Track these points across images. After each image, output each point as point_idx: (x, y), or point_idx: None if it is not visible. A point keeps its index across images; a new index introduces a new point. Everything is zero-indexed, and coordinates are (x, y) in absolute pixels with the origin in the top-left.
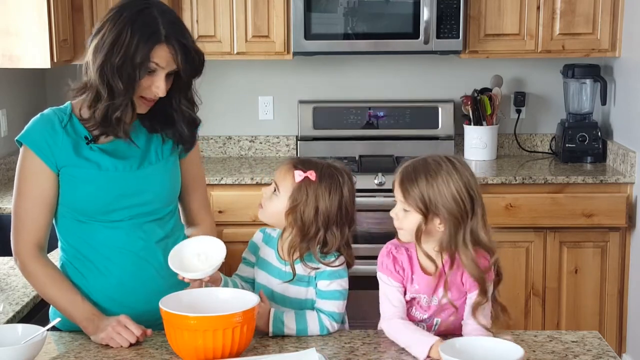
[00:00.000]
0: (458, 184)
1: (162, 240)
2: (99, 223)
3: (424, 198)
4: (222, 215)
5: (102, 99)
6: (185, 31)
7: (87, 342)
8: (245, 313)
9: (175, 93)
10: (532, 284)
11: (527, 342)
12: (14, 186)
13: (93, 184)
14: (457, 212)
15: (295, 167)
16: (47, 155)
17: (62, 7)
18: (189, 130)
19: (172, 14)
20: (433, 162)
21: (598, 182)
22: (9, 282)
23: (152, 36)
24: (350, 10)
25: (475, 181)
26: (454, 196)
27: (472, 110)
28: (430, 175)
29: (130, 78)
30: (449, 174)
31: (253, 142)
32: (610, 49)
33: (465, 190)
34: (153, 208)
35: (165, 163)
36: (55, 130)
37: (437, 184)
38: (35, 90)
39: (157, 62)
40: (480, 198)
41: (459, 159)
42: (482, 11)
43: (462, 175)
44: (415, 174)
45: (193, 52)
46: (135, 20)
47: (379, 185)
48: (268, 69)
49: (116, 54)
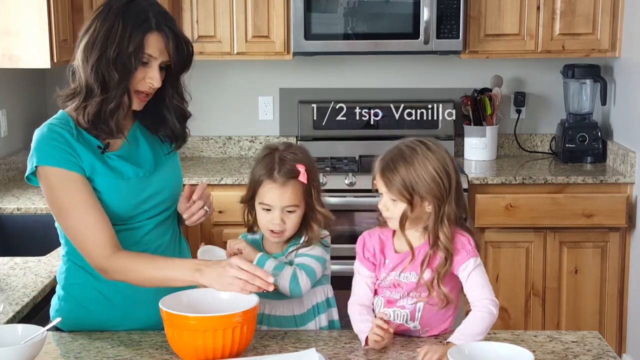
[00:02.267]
0: (435, 163)
1: (172, 237)
2: (118, 226)
3: (406, 184)
4: (222, 215)
5: (95, 95)
6: (174, 20)
7: (87, 342)
8: (245, 313)
9: (167, 88)
10: (532, 284)
11: (527, 342)
12: (52, 211)
13: (116, 192)
14: (438, 191)
15: (288, 173)
16: (74, 162)
17: (62, 7)
18: (180, 124)
19: (159, 5)
20: (407, 148)
21: (598, 182)
22: (9, 282)
23: (143, 24)
24: (350, 10)
25: (450, 158)
26: (432, 177)
27: (472, 110)
28: (407, 162)
29: (125, 69)
30: (424, 156)
31: (253, 142)
32: (610, 49)
33: (443, 169)
34: (166, 207)
35: (172, 162)
36: (69, 141)
37: (415, 168)
38: (35, 90)
39: (150, 52)
40: (456, 173)
41: (431, 139)
42: (482, 11)
43: (437, 155)
44: (393, 163)
45: (183, 42)
46: (125, 11)
47: None
48: (268, 69)
49: (110, 47)
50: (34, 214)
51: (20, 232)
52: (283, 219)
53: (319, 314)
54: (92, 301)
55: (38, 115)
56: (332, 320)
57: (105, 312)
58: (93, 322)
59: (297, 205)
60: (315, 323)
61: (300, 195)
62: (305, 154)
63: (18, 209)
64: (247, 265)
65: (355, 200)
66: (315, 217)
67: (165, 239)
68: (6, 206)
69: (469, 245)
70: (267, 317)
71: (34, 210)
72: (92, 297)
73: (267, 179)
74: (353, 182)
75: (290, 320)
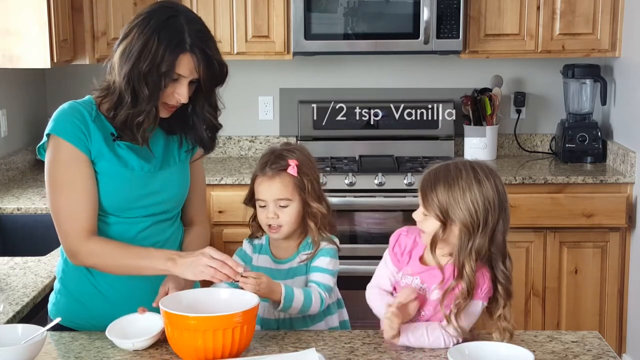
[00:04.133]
0: (475, 195)
1: (169, 239)
2: (114, 217)
3: (441, 205)
4: (222, 215)
5: (125, 104)
6: (210, 40)
7: (87, 342)
8: (245, 313)
9: (199, 99)
10: (532, 284)
11: (527, 342)
12: (47, 183)
13: (118, 180)
14: (470, 222)
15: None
16: (84, 142)
17: (62, 7)
18: (210, 135)
19: (199, 22)
20: (455, 168)
21: (598, 182)
22: (9, 282)
23: (177, 46)
24: (350, 10)
25: (498, 194)
26: (468, 207)
27: (472, 110)
28: (448, 183)
29: (155, 86)
30: (467, 184)
31: (253, 142)
32: (610, 49)
33: (482, 203)
34: (167, 207)
35: (182, 165)
36: (86, 121)
37: (453, 192)
38: (35, 90)
39: (180, 72)
40: (501, 211)
41: (485, 166)
42: (482, 11)
43: (483, 187)
44: (434, 180)
45: (216, 64)
46: (162, 29)
47: (379, 185)
48: (268, 69)
49: (143, 62)
50: (34, 214)
51: (20, 232)
52: (276, 213)
53: (330, 315)
54: (87, 296)
55: (38, 115)
56: (344, 320)
57: (101, 307)
58: (88, 316)
59: (289, 198)
60: (326, 324)
61: (291, 189)
62: (302, 150)
63: (18, 209)
64: (218, 254)
65: (355, 200)
66: (310, 212)
67: (161, 240)
68: (6, 206)
69: (479, 290)
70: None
71: (34, 210)
72: (88, 291)
73: (259, 174)
74: (353, 182)
75: (301, 322)
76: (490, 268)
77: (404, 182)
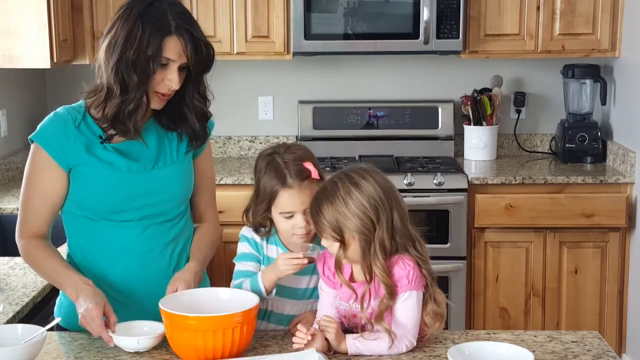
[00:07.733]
0: (357, 199)
1: (170, 242)
2: (108, 222)
3: (332, 224)
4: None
5: (114, 95)
6: (194, 23)
7: (87, 342)
8: (245, 313)
9: (188, 88)
10: (532, 284)
11: (527, 342)
12: (23, 179)
13: (105, 183)
14: (363, 226)
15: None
16: (59, 154)
17: (62, 7)
18: (200, 124)
19: (181, 5)
20: (330, 184)
21: (598, 182)
22: (9, 282)
23: (162, 28)
24: (350, 10)
25: (379, 189)
26: (355, 213)
27: (472, 110)
28: (329, 200)
29: (144, 72)
30: (346, 192)
31: (253, 142)
32: (610, 49)
33: (367, 204)
34: (164, 209)
35: (180, 164)
36: (68, 130)
37: (337, 207)
38: (35, 90)
39: (168, 56)
40: (390, 202)
41: (358, 168)
42: (482, 11)
43: (362, 188)
44: (318, 204)
45: (202, 45)
46: (145, 14)
47: None
48: (268, 69)
49: (130, 49)
50: None
51: None
52: (307, 220)
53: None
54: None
55: (38, 115)
56: None
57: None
58: None
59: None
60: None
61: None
62: (304, 150)
63: (18, 209)
64: (98, 318)
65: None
66: None
67: (163, 242)
68: (6, 206)
69: (405, 280)
70: (268, 314)
71: None
72: None
73: (283, 187)
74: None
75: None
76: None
77: (404, 182)
